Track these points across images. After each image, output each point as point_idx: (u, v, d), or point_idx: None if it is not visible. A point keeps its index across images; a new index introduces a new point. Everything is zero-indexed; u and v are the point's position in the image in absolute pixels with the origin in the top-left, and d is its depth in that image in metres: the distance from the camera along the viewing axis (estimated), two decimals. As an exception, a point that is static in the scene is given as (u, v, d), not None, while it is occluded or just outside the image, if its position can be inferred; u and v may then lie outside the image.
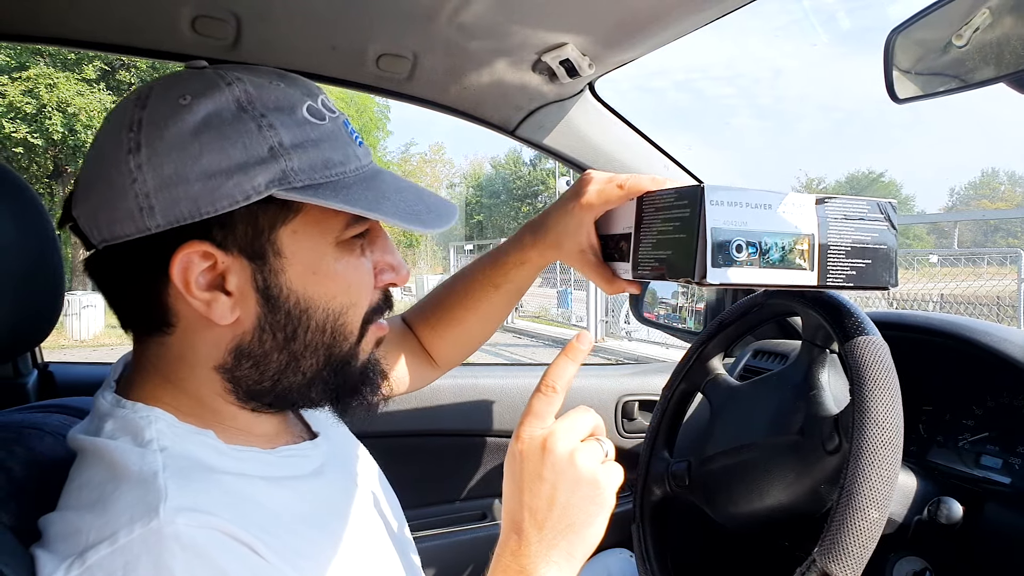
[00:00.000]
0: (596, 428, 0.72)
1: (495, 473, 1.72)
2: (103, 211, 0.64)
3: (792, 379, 1.00)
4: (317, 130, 0.66)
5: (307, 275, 0.68)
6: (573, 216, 0.94)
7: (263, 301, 0.67)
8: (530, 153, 45.96)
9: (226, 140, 0.62)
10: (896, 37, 0.91)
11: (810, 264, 0.77)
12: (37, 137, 17.66)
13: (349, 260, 0.71)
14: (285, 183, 0.63)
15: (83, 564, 0.53)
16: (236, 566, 0.57)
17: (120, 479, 0.59)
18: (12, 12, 1.13)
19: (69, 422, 0.83)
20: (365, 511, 0.81)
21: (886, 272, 0.81)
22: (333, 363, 0.72)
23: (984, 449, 1.05)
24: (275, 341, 0.69)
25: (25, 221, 0.76)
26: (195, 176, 0.62)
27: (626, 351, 11.54)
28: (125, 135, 0.63)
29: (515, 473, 0.69)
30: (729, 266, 0.74)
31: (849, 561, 0.74)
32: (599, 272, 0.95)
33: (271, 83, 0.67)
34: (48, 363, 1.48)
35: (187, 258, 0.64)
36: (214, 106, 0.63)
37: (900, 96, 0.90)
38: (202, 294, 0.65)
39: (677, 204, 0.78)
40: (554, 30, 1.19)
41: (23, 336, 0.79)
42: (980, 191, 61.83)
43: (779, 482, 0.94)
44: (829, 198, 0.78)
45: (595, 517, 0.67)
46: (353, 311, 0.72)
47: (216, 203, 0.62)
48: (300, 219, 0.67)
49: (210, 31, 1.17)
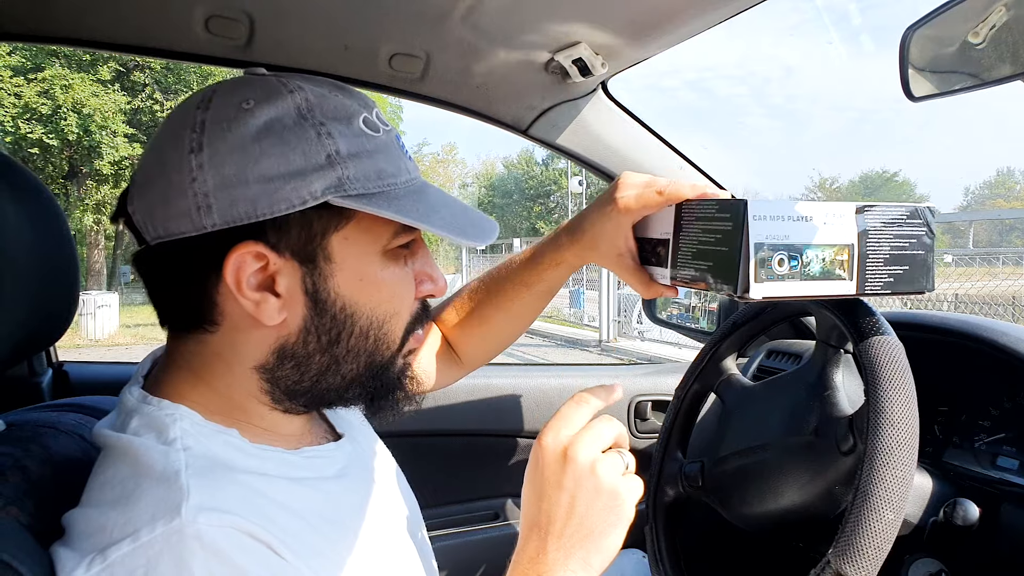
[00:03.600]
0: (619, 439, 0.72)
1: (507, 473, 1.72)
2: (160, 207, 0.65)
3: (806, 379, 0.99)
4: (372, 141, 0.68)
5: (354, 281, 0.70)
6: (611, 219, 0.93)
7: (311, 304, 0.69)
8: (542, 153, 45.95)
9: (286, 145, 0.64)
10: (912, 35, 0.91)
11: (849, 273, 0.77)
12: (52, 138, 17.76)
13: (394, 269, 0.72)
14: (341, 190, 0.65)
15: (104, 561, 0.54)
16: (256, 566, 0.57)
17: (143, 477, 0.60)
18: (27, 13, 1.13)
19: (84, 421, 0.84)
20: (385, 514, 0.82)
21: (923, 277, 0.80)
22: (373, 368, 0.74)
23: (1000, 450, 1.04)
24: (319, 344, 0.70)
25: (42, 222, 0.76)
26: (254, 178, 0.63)
27: (639, 351, 11.53)
28: (187, 135, 0.64)
29: (535, 479, 0.69)
30: (771, 280, 0.74)
31: (864, 563, 0.74)
32: (636, 275, 0.94)
33: (330, 93, 0.69)
34: (63, 362, 1.49)
35: (241, 258, 0.65)
36: (276, 112, 0.65)
37: (916, 94, 0.90)
38: (252, 294, 0.66)
39: (719, 216, 0.78)
40: (567, 29, 1.19)
41: (38, 335, 0.79)
42: (995, 190, 61.31)
43: (793, 483, 0.94)
44: (869, 206, 0.78)
45: (614, 528, 0.67)
46: (396, 320, 0.74)
47: (273, 206, 0.64)
48: (352, 226, 0.68)
49: (223, 31, 1.17)
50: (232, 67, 1.29)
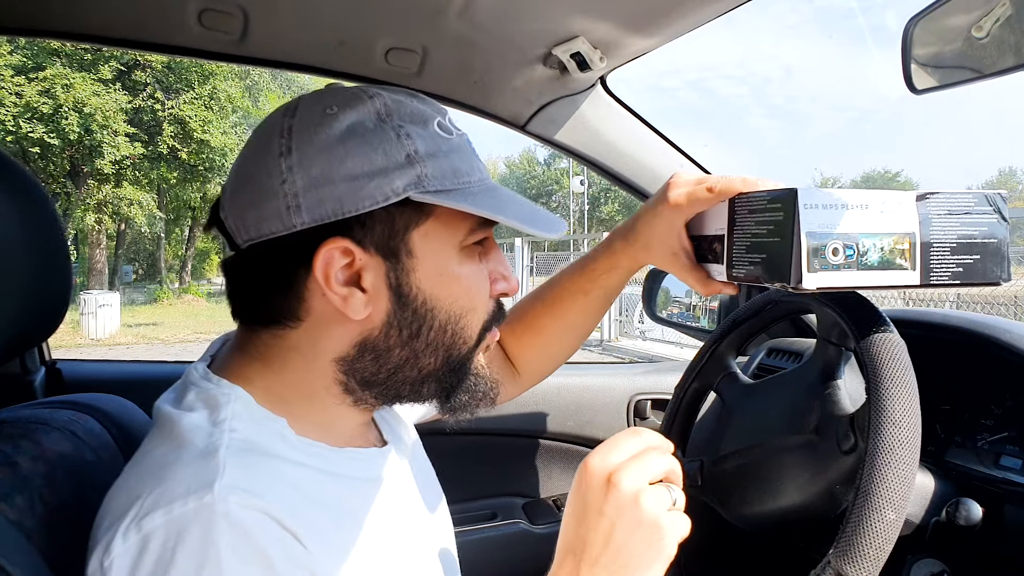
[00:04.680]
0: (670, 474, 0.69)
1: (505, 472, 1.71)
2: (252, 210, 0.69)
3: (807, 377, 0.98)
4: (447, 143, 0.72)
5: (434, 276, 0.72)
6: (662, 219, 0.93)
7: (394, 298, 0.72)
8: (544, 152, 46.11)
9: (368, 146, 0.68)
10: (914, 27, 0.90)
11: (911, 263, 0.75)
12: (54, 137, 17.77)
13: (471, 265, 0.75)
14: (420, 187, 0.68)
15: (140, 531, 0.57)
16: (278, 551, 0.59)
17: (184, 451, 0.63)
18: (19, 6, 1.13)
19: (77, 418, 0.85)
20: (414, 525, 0.83)
21: (996, 267, 0.78)
22: (450, 364, 0.76)
23: (1003, 449, 1.03)
24: (400, 337, 0.73)
25: (32, 217, 0.76)
26: (340, 178, 0.67)
27: (641, 350, 11.54)
28: (276, 141, 0.69)
29: (577, 502, 0.67)
30: (825, 270, 0.73)
31: (865, 563, 0.73)
32: (693, 274, 0.93)
33: (406, 99, 0.73)
34: (56, 360, 1.48)
35: (329, 254, 0.68)
36: (357, 116, 0.69)
37: (918, 87, 0.89)
38: (340, 289, 0.69)
39: (770, 207, 0.77)
40: (565, 23, 1.18)
41: (30, 332, 0.79)
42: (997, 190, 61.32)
43: (793, 482, 0.93)
44: (931, 194, 0.76)
45: (652, 563, 0.65)
46: (472, 315, 0.76)
47: (359, 203, 0.67)
48: (431, 222, 0.71)
49: (217, 25, 1.17)
50: (227, 62, 1.28)
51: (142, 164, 20.01)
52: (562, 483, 1.76)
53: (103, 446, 0.84)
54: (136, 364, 1.64)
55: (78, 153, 19.03)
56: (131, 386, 1.21)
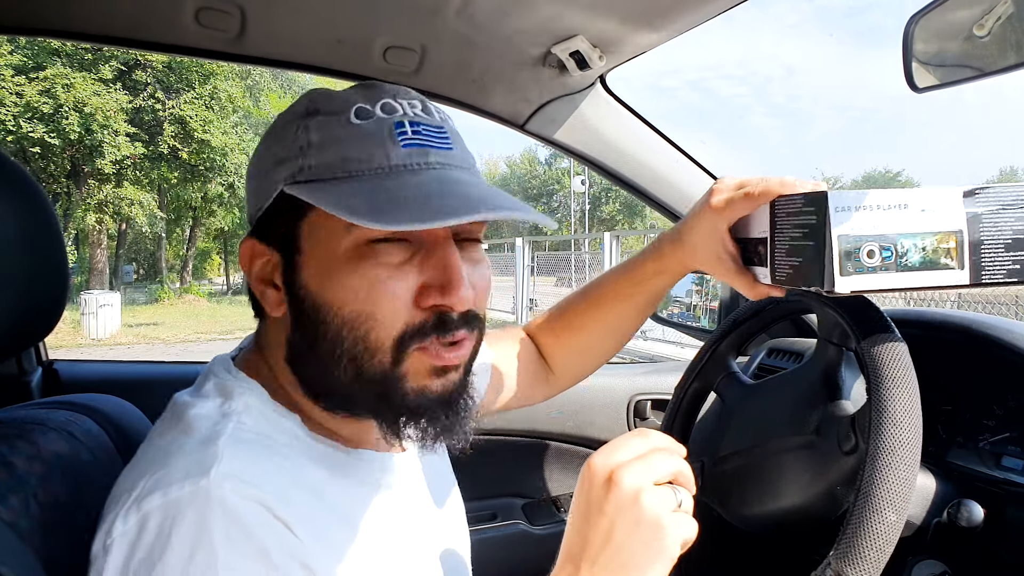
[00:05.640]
0: (678, 476, 0.66)
1: (505, 472, 1.71)
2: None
3: (808, 378, 0.98)
4: (351, 129, 0.67)
5: (320, 276, 0.68)
6: (706, 223, 0.92)
7: (289, 297, 0.71)
8: (545, 152, 46.11)
9: (276, 140, 0.70)
10: (915, 26, 0.90)
11: (959, 262, 0.73)
12: (54, 137, 17.81)
13: (365, 270, 0.66)
14: (292, 179, 0.67)
15: (139, 511, 0.58)
16: (271, 540, 0.60)
17: (187, 437, 0.65)
18: (15, 4, 1.13)
19: (74, 418, 0.84)
20: (422, 528, 0.82)
21: None
22: (366, 379, 0.69)
23: (1005, 450, 1.03)
24: (305, 340, 0.70)
25: (29, 217, 0.75)
26: (256, 173, 0.71)
27: (642, 350, 11.53)
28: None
29: (580, 501, 0.66)
30: (861, 273, 0.71)
31: (866, 565, 0.72)
32: (738, 278, 0.92)
33: (354, 91, 0.71)
34: (53, 360, 1.48)
35: (248, 249, 0.71)
36: (289, 113, 0.71)
37: (919, 85, 0.89)
38: (258, 285, 0.72)
39: (805, 210, 0.75)
40: (564, 21, 1.18)
41: (26, 331, 0.79)
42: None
43: (794, 483, 0.93)
44: (981, 189, 0.73)
45: (652, 563, 0.62)
46: (375, 325, 0.67)
47: (261, 199, 0.69)
48: (312, 216, 0.68)
49: (214, 23, 1.16)
50: (224, 60, 1.28)
51: (143, 164, 20.05)
52: (562, 483, 1.76)
53: (100, 447, 0.84)
54: (134, 364, 1.64)
55: (79, 153, 19.06)
56: (129, 386, 1.21)
